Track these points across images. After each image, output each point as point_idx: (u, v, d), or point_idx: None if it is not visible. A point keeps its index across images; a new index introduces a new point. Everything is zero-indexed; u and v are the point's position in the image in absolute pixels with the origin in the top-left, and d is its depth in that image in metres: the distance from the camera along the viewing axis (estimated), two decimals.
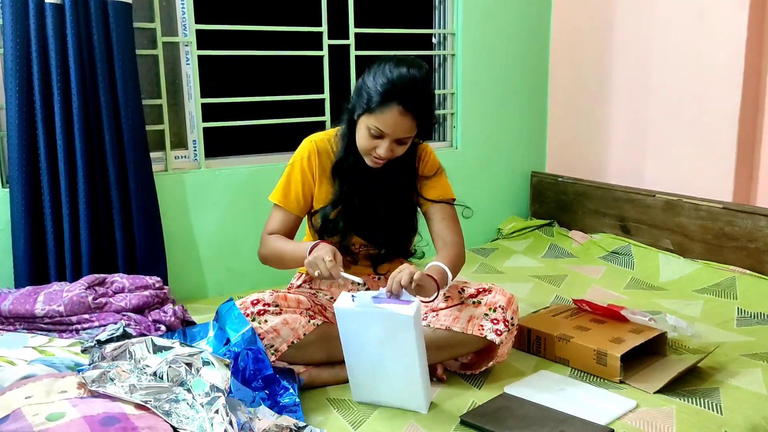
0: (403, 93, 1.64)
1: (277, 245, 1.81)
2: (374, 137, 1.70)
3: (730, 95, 2.58)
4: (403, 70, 1.66)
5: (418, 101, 1.65)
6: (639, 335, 1.86)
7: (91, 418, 1.26)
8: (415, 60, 1.71)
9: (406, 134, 1.69)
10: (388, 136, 1.68)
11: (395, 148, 1.71)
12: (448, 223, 1.88)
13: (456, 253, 1.81)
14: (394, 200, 1.86)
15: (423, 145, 1.92)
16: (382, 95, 1.64)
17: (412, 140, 1.76)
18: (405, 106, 1.64)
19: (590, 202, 3.13)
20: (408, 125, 1.67)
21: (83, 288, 1.94)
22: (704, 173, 2.72)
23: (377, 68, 1.69)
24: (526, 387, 1.73)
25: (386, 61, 1.69)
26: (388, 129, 1.67)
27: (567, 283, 2.63)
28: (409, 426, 1.57)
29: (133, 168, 2.29)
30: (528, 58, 3.31)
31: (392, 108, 1.64)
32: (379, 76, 1.67)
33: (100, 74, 2.21)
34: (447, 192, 1.92)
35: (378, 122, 1.67)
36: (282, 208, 1.86)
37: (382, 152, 1.70)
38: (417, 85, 1.65)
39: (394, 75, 1.65)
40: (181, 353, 1.48)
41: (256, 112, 2.74)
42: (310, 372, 1.75)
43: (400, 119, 1.65)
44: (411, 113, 1.65)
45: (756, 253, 2.50)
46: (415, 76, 1.65)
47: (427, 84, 1.69)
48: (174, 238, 2.52)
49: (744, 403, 1.64)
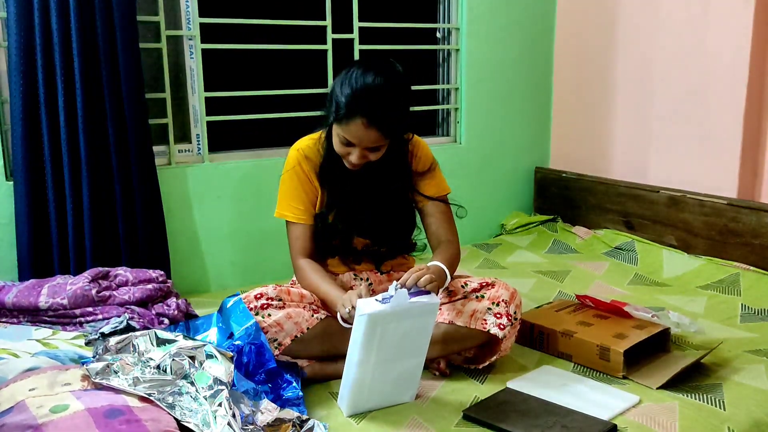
0: (367, 106, 1.61)
1: (310, 285, 1.79)
2: (345, 145, 1.69)
3: (734, 91, 2.57)
4: (368, 79, 1.62)
5: (382, 114, 1.62)
6: (642, 331, 1.86)
7: (95, 411, 1.27)
8: (384, 65, 1.67)
9: (374, 144, 1.67)
10: (357, 145, 1.68)
11: (368, 154, 1.70)
12: (444, 220, 1.88)
13: (453, 253, 1.82)
14: (390, 198, 1.86)
15: (415, 139, 1.90)
16: (347, 107, 1.62)
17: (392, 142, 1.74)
18: (369, 119, 1.61)
19: (594, 198, 3.12)
20: (374, 137, 1.65)
21: (87, 281, 1.94)
22: (708, 169, 2.71)
23: (345, 75, 1.67)
24: (528, 382, 1.73)
25: (355, 67, 1.66)
26: (355, 140, 1.66)
27: (570, 279, 2.63)
28: (412, 420, 1.57)
29: (136, 161, 2.29)
30: (532, 54, 3.30)
31: (356, 120, 1.62)
32: (345, 85, 1.64)
33: (104, 67, 2.21)
34: (442, 188, 1.91)
35: (345, 133, 1.66)
36: (297, 224, 1.85)
37: (354, 159, 1.70)
38: (381, 97, 1.62)
39: (359, 85, 1.62)
40: (184, 346, 1.49)
41: (259, 106, 2.74)
42: (313, 366, 1.75)
43: (365, 131, 1.63)
44: (375, 126, 1.62)
45: (760, 249, 2.49)
46: (380, 85, 1.62)
47: (395, 93, 1.65)
48: (177, 232, 2.52)
49: (747, 399, 1.64)
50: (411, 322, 1.53)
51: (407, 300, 1.49)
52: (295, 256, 1.85)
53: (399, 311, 1.48)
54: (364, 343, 1.50)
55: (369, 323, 1.47)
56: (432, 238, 1.89)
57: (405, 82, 1.70)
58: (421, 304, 1.51)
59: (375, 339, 1.50)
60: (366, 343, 1.50)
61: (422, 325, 1.56)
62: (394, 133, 1.70)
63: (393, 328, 1.51)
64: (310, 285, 1.79)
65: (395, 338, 1.53)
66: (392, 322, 1.50)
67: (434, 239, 1.88)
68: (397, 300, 1.48)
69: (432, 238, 1.89)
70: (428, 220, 1.89)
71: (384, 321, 1.48)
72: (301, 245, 1.84)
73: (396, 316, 1.49)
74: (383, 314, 1.47)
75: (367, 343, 1.50)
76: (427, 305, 1.52)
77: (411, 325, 1.54)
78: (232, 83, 2.71)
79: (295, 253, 1.85)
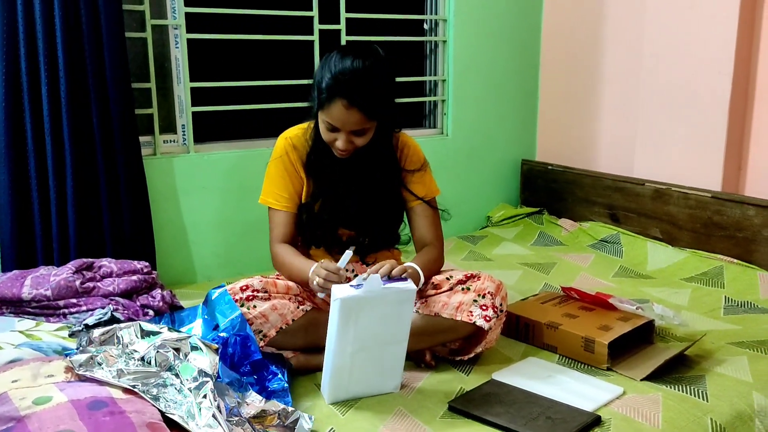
0: (346, 87, 1.61)
1: (285, 264, 1.79)
2: (331, 131, 1.69)
3: (720, 85, 2.59)
4: (347, 62, 1.63)
5: (362, 94, 1.62)
6: (627, 323, 1.87)
7: (78, 402, 1.26)
8: (363, 48, 1.68)
9: (358, 126, 1.67)
10: (341, 130, 1.68)
11: (354, 139, 1.70)
12: (429, 224, 1.89)
13: (432, 257, 1.84)
14: (376, 190, 1.85)
15: (404, 137, 1.90)
16: (327, 91, 1.64)
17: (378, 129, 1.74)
18: (349, 100, 1.62)
19: (580, 191, 3.14)
20: (356, 118, 1.65)
21: (71, 272, 1.92)
22: (693, 162, 2.73)
23: (325, 61, 1.68)
24: (514, 374, 1.74)
25: (335, 53, 1.68)
26: (338, 123, 1.66)
27: (556, 271, 2.64)
28: (397, 411, 1.57)
29: (121, 152, 2.27)
30: (520, 46, 3.30)
31: (337, 103, 1.63)
32: (326, 70, 1.66)
33: (89, 57, 2.18)
34: (431, 190, 1.92)
35: (328, 117, 1.67)
36: (279, 211, 1.84)
37: (341, 145, 1.70)
38: (360, 78, 1.62)
39: (337, 69, 1.63)
40: (169, 338, 1.48)
41: (245, 97, 2.72)
42: (299, 357, 1.75)
43: (346, 114, 1.64)
44: (356, 106, 1.62)
45: (744, 242, 2.52)
46: (358, 67, 1.63)
47: (374, 74, 1.65)
48: (162, 223, 2.50)
49: (729, 391, 1.66)
50: (387, 308, 1.54)
51: (380, 285, 1.51)
52: (273, 241, 1.84)
53: (373, 297, 1.50)
54: (339, 329, 1.52)
55: (342, 308, 1.49)
56: (417, 240, 1.91)
57: (385, 64, 1.69)
58: (395, 289, 1.53)
59: (350, 325, 1.52)
60: (341, 328, 1.52)
61: (399, 312, 1.56)
62: (376, 114, 1.68)
63: (368, 313, 1.52)
64: (284, 265, 1.79)
65: (372, 325, 1.54)
66: (367, 308, 1.52)
67: (418, 242, 1.90)
68: (370, 285, 1.50)
69: (417, 240, 1.91)
70: (414, 221, 1.91)
71: (358, 306, 1.50)
72: (281, 231, 1.83)
73: (370, 302, 1.51)
74: (356, 299, 1.49)
75: (342, 328, 1.52)
76: (402, 292, 1.53)
77: (387, 311, 1.55)
78: (217, 74, 2.68)
79: (274, 238, 1.84)
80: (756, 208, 2.47)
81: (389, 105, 1.74)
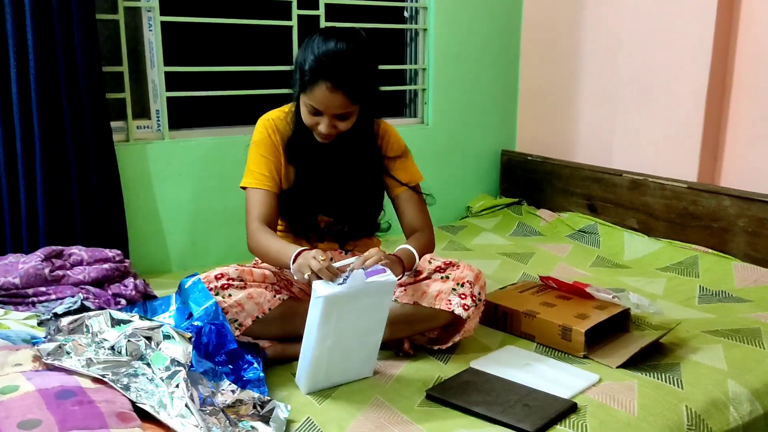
0: (330, 69, 1.60)
1: (261, 244, 1.69)
2: (313, 114, 1.67)
3: (697, 76, 2.60)
4: (330, 45, 1.61)
5: (347, 76, 1.60)
6: (603, 311, 1.88)
7: (45, 392, 1.23)
8: (346, 31, 1.66)
9: (341, 110, 1.65)
10: (325, 113, 1.65)
11: (337, 123, 1.68)
12: (418, 210, 1.88)
13: (425, 241, 1.83)
14: (357, 178, 1.83)
15: (384, 124, 1.89)
16: (311, 73, 1.61)
17: (361, 114, 1.72)
18: (333, 82, 1.60)
19: (558, 181, 3.14)
20: (340, 101, 1.63)
21: (40, 260, 1.88)
22: (670, 153, 2.74)
23: (308, 43, 1.66)
24: (492, 362, 1.73)
25: (317, 35, 1.66)
26: (321, 106, 1.64)
27: (534, 261, 2.64)
28: (374, 400, 1.56)
29: (92, 137, 2.22)
30: (500, 36, 3.29)
31: (320, 86, 1.61)
32: (308, 52, 1.63)
33: (59, 39, 2.13)
34: (414, 176, 1.91)
35: (311, 100, 1.64)
36: (259, 189, 1.78)
37: (323, 129, 1.67)
38: (344, 60, 1.61)
39: (321, 51, 1.61)
40: (140, 327, 1.45)
41: (222, 82, 2.68)
42: (275, 347, 1.73)
43: (330, 96, 1.62)
44: (341, 89, 1.61)
45: (719, 232, 2.54)
46: (342, 50, 1.61)
47: (358, 57, 1.63)
48: (136, 211, 2.46)
49: (704, 378, 1.67)
50: (367, 300, 1.53)
51: (364, 281, 1.49)
52: (251, 220, 1.75)
53: (355, 291, 1.48)
54: (321, 324, 1.49)
55: (326, 305, 1.46)
56: (406, 227, 1.89)
57: (368, 47, 1.68)
58: (377, 283, 1.51)
59: (332, 320, 1.49)
60: (323, 323, 1.49)
61: (379, 302, 1.55)
62: (360, 97, 1.66)
63: (350, 308, 1.50)
64: (260, 245, 1.70)
65: (352, 317, 1.52)
66: (349, 303, 1.49)
67: (408, 228, 1.89)
68: (354, 281, 1.47)
69: (406, 227, 1.89)
70: (402, 207, 1.89)
71: (340, 302, 1.48)
72: (259, 211, 1.75)
73: (352, 296, 1.48)
74: (340, 296, 1.46)
75: (324, 323, 1.49)
76: (383, 284, 1.52)
77: (367, 303, 1.53)
78: (193, 58, 2.63)
79: (251, 218, 1.75)
80: (731, 198, 2.49)
81: (373, 89, 1.72)
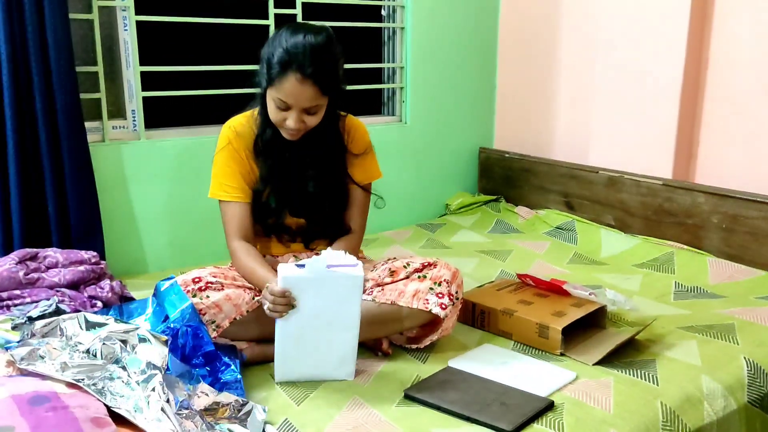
0: (299, 61, 1.60)
1: (242, 267, 1.73)
2: (281, 109, 1.66)
3: (671, 73, 2.63)
4: (299, 37, 1.62)
5: (315, 68, 1.60)
6: (580, 309, 1.90)
7: (19, 398, 1.21)
8: (313, 26, 1.67)
9: (310, 103, 1.65)
10: (293, 107, 1.65)
11: (305, 118, 1.68)
12: (359, 211, 1.89)
13: (352, 246, 1.84)
14: (324, 176, 1.83)
15: (352, 120, 1.88)
16: (279, 65, 1.61)
17: (328, 109, 1.72)
18: (302, 74, 1.60)
19: (536, 178, 3.16)
20: (309, 93, 1.63)
21: (14, 263, 1.85)
22: (645, 150, 2.77)
23: (275, 38, 1.66)
24: (469, 360, 1.74)
25: (284, 29, 1.66)
26: (290, 99, 1.63)
27: (512, 258, 2.66)
28: (352, 400, 1.56)
29: (66, 137, 2.19)
30: (477, 34, 3.30)
31: (290, 77, 1.61)
32: (276, 46, 1.63)
33: (31, 39, 2.09)
34: (369, 174, 1.90)
35: (280, 93, 1.64)
36: (231, 202, 1.78)
37: (292, 124, 1.67)
38: (314, 51, 1.61)
39: (290, 43, 1.61)
40: (115, 330, 1.43)
41: (198, 82, 2.66)
42: (253, 348, 1.72)
43: (299, 88, 1.61)
44: (310, 80, 1.61)
45: (694, 228, 2.57)
46: (311, 42, 1.61)
47: (327, 49, 1.64)
48: (112, 212, 2.43)
49: (679, 375, 1.69)
50: (333, 291, 1.54)
51: (324, 267, 1.51)
52: (230, 238, 1.78)
53: (318, 279, 1.51)
54: None
55: (284, 286, 1.51)
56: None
57: (336, 41, 1.68)
58: (340, 273, 1.52)
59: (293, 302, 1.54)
60: None
61: (346, 296, 1.55)
62: (329, 89, 1.66)
63: (313, 295, 1.53)
64: (244, 269, 1.73)
65: (316, 306, 1.54)
66: (311, 289, 1.52)
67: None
68: (313, 266, 1.50)
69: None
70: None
71: (299, 286, 1.51)
72: (236, 225, 1.78)
73: (314, 283, 1.51)
74: (298, 279, 1.50)
75: None
76: (348, 277, 1.53)
77: (333, 295, 1.54)
78: (169, 58, 2.61)
79: (229, 234, 1.78)
80: (706, 195, 2.52)
81: (341, 82, 1.72)
